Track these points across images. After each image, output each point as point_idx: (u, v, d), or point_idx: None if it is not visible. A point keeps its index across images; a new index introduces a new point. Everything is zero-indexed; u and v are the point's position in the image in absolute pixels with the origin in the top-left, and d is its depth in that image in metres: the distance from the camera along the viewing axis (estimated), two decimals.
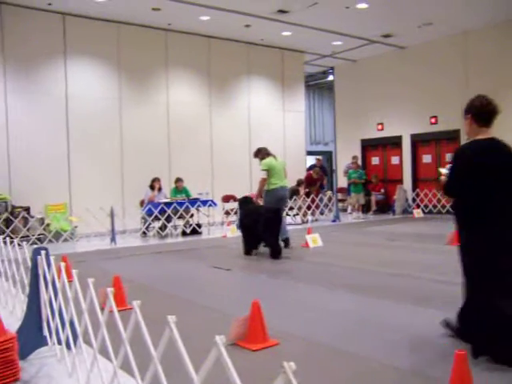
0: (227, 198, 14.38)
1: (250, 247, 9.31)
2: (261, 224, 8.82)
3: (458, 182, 4.07)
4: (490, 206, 3.93)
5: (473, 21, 14.39)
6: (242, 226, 9.57)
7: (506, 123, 14.43)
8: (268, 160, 9.71)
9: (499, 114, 4.19)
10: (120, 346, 2.94)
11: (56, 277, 4.08)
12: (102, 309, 3.24)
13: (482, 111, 4.16)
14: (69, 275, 4.64)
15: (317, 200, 15.41)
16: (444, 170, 4.34)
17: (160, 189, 13.03)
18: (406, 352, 4.14)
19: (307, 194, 15.32)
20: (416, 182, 17.24)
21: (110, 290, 2.77)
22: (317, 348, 4.32)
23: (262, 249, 9.42)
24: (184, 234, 12.83)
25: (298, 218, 14.96)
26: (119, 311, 3.07)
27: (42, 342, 4.26)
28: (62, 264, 4.09)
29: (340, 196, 17.87)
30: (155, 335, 2.72)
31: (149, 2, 12.28)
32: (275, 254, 8.76)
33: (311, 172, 16.38)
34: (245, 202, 9.93)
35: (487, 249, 3.92)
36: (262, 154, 9.92)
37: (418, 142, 17.14)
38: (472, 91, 15.00)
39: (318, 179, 16.27)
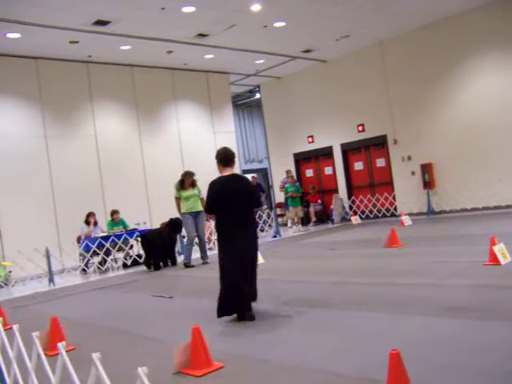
0: (166, 225, 14.20)
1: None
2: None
3: (213, 203, 6.06)
4: (230, 218, 5.97)
5: (386, 31, 15.00)
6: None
7: (426, 120, 15.12)
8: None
9: (235, 157, 6.30)
10: None
11: None
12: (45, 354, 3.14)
13: (223, 158, 6.21)
14: (5, 323, 4.46)
15: (256, 217, 15.47)
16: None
17: (96, 223, 12.77)
18: (350, 358, 4.20)
19: None
20: (351, 190, 17.64)
21: (36, 335, 2.68)
22: (262, 366, 4.32)
23: (213, 273, 9.36)
24: (125, 266, 12.59)
25: None
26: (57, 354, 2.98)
27: None
28: None
29: (279, 211, 18.05)
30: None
31: (65, 35, 12.11)
32: None
33: None
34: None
35: (231, 249, 5.91)
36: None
37: (349, 150, 17.57)
38: (393, 96, 15.80)
39: None
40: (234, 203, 5.95)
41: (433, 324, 4.78)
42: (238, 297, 5.83)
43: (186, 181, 11.44)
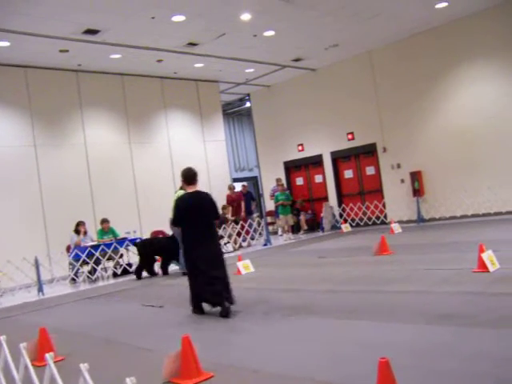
0: (156, 234, 14.18)
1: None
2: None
3: (179, 216, 6.90)
4: (194, 230, 6.79)
5: (375, 40, 15.12)
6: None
7: (415, 128, 15.22)
8: None
9: (198, 176, 7.16)
10: None
11: None
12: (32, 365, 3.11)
13: (186, 177, 7.10)
14: None
15: (246, 226, 15.48)
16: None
17: (85, 232, 12.72)
18: (340, 366, 4.20)
19: (235, 221, 15.39)
20: (341, 198, 17.69)
21: (23, 346, 2.66)
22: (252, 375, 4.31)
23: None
24: (115, 275, 12.54)
25: (230, 246, 14.95)
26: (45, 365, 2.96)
27: None
28: None
29: (269, 219, 18.05)
30: None
31: (55, 44, 12.10)
32: None
33: (228, 193, 16.53)
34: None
35: (195, 256, 6.77)
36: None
37: (339, 158, 17.64)
38: (382, 105, 15.88)
39: (238, 195, 16.40)
40: (198, 216, 6.79)
41: (423, 332, 4.80)
42: (205, 297, 6.81)
43: None
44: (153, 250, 11.86)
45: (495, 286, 6.13)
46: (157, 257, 12.10)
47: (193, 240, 6.82)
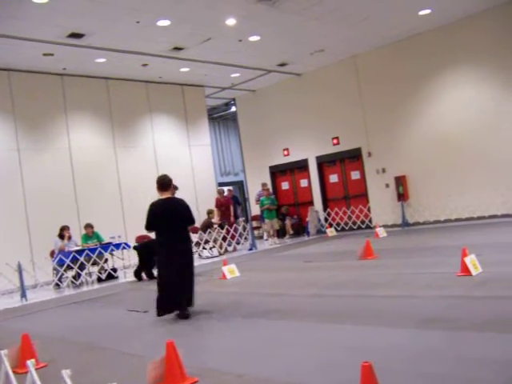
0: (141, 238, 14.10)
1: None
2: None
3: (152, 221, 7.15)
4: (167, 234, 7.09)
5: (360, 45, 15.22)
6: None
7: (399, 133, 15.34)
8: None
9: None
10: None
11: None
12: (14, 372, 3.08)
13: (160, 184, 7.34)
14: None
15: (231, 230, 15.47)
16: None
17: (70, 237, 12.61)
18: (325, 371, 4.20)
19: (221, 226, 15.38)
20: (326, 202, 17.74)
21: (4, 353, 2.63)
22: (236, 379, 4.30)
23: None
24: (100, 280, 12.46)
25: (215, 251, 14.92)
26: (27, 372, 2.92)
27: None
28: None
29: (255, 224, 18.05)
30: None
31: (39, 47, 12.02)
32: None
33: (217, 197, 16.54)
34: None
35: (165, 258, 7.09)
36: None
37: (324, 163, 17.70)
38: (367, 110, 15.98)
39: (226, 199, 16.41)
40: (170, 221, 7.08)
41: (409, 336, 4.81)
42: (173, 299, 6.98)
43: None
44: (151, 252, 11.68)
45: (478, 290, 6.19)
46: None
47: (164, 244, 7.14)
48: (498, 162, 13.54)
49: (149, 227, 7.29)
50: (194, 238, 14.08)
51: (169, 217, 7.09)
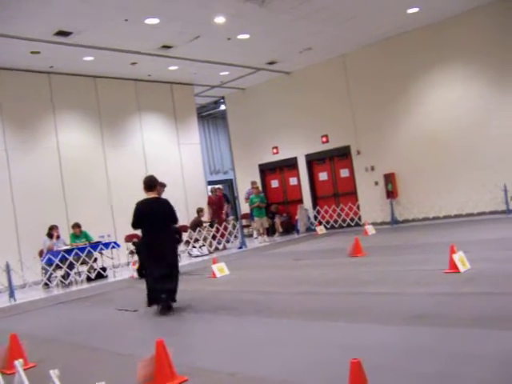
0: (130, 237, 14.07)
1: None
2: None
3: (138, 220, 7.46)
4: (152, 232, 7.40)
5: (349, 44, 15.25)
6: None
7: (388, 131, 15.41)
8: None
9: (158, 185, 7.82)
10: None
11: None
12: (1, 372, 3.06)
13: (147, 184, 7.64)
14: None
15: (221, 229, 15.46)
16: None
17: (58, 236, 12.54)
18: (316, 369, 4.22)
19: (211, 224, 15.37)
20: (316, 200, 17.77)
21: None
22: (227, 378, 4.30)
23: (181, 286, 9.24)
24: (89, 279, 12.40)
25: (205, 249, 14.91)
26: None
27: None
28: None
29: (244, 222, 18.05)
30: None
31: (26, 45, 11.91)
32: None
33: (210, 195, 16.51)
34: None
35: (148, 254, 7.52)
36: None
37: (313, 161, 17.73)
38: (355, 108, 16.03)
39: (219, 197, 16.41)
40: (155, 220, 7.38)
41: (398, 332, 4.85)
42: (159, 292, 7.29)
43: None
44: None
45: (466, 287, 6.23)
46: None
47: (147, 242, 7.53)
48: (486, 159, 13.63)
49: (135, 225, 7.61)
50: (184, 236, 14.06)
51: (153, 216, 7.40)
